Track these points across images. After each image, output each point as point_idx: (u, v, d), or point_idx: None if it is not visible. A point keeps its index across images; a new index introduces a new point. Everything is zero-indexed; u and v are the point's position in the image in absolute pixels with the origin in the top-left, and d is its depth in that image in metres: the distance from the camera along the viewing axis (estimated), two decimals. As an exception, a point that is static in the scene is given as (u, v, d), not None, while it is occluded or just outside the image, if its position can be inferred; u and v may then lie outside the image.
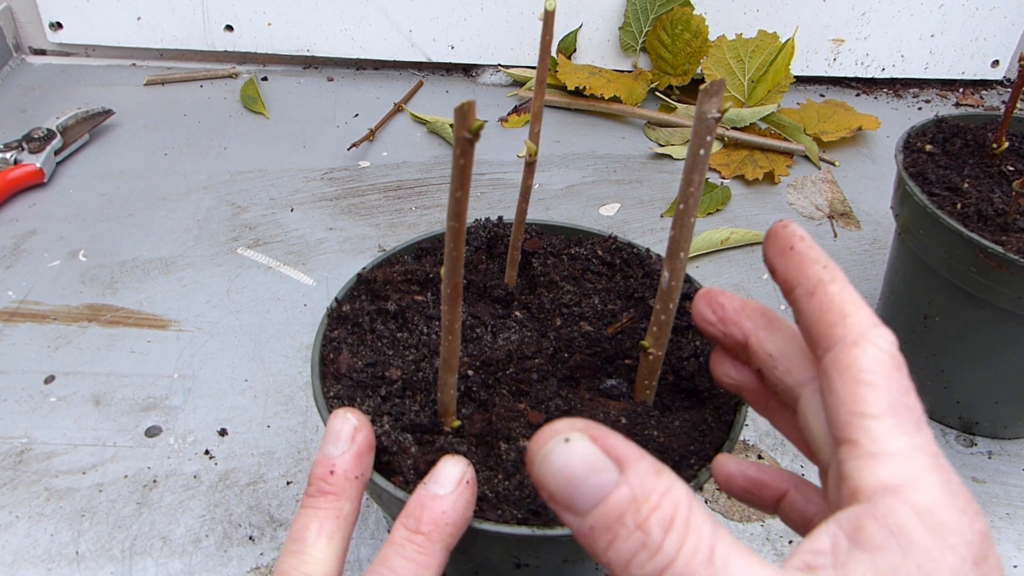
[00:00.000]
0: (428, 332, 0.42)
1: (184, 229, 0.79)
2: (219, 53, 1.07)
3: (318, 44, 1.06)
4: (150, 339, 0.66)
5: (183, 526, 0.52)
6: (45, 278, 0.72)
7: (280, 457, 0.57)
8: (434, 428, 0.37)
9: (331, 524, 0.31)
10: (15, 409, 0.59)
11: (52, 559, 0.50)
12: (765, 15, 1.04)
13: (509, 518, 0.33)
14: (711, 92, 0.28)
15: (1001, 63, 1.10)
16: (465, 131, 0.25)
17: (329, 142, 0.93)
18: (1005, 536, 0.55)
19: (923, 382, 0.62)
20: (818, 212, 0.87)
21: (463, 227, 0.29)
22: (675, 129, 0.98)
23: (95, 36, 1.04)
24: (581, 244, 0.48)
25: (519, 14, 1.03)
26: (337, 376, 0.39)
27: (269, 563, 0.50)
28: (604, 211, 0.85)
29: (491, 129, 0.98)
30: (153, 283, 0.72)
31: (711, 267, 0.77)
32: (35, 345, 0.65)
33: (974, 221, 0.55)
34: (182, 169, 0.87)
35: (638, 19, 1.02)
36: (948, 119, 0.65)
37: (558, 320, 0.44)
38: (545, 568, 0.36)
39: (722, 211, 0.86)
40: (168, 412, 0.60)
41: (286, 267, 0.74)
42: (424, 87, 1.06)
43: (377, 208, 0.83)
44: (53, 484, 0.54)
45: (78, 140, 0.88)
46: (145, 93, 1.01)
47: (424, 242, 0.48)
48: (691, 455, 0.36)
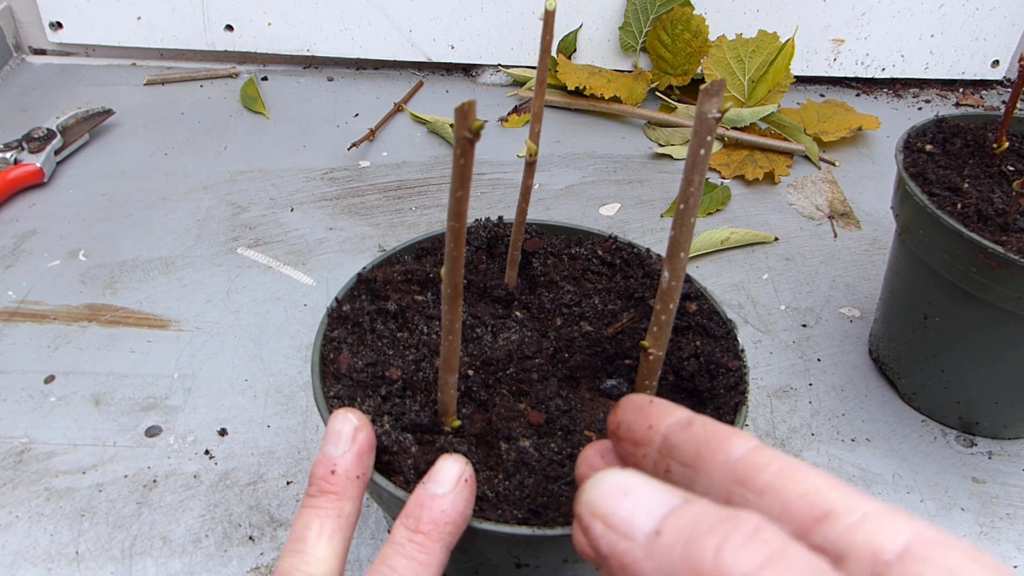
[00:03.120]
0: (428, 332, 0.42)
1: (184, 229, 0.79)
2: (219, 53, 1.07)
3: (318, 44, 1.06)
4: (150, 339, 0.66)
5: (183, 526, 0.52)
6: (45, 278, 0.72)
7: (280, 457, 0.57)
8: (434, 428, 0.37)
9: (332, 524, 0.31)
10: (15, 409, 0.59)
11: (52, 559, 0.50)
12: (765, 15, 1.04)
13: (509, 518, 0.33)
14: (711, 92, 0.28)
15: (1001, 63, 1.10)
16: (465, 131, 0.25)
17: (329, 142, 0.93)
18: (1005, 536, 0.55)
19: (923, 382, 0.62)
20: (818, 212, 0.87)
21: (463, 227, 0.29)
22: (675, 129, 0.97)
23: (95, 36, 1.04)
24: (581, 244, 0.48)
25: (519, 14, 1.03)
26: (337, 376, 0.39)
27: (269, 563, 0.50)
28: (604, 211, 0.85)
29: (491, 129, 0.98)
30: (153, 283, 0.72)
31: (711, 267, 0.77)
32: (35, 345, 0.65)
33: (974, 221, 0.55)
34: (182, 169, 0.87)
35: (638, 19, 1.02)
36: (948, 119, 0.65)
37: (558, 320, 0.44)
38: (545, 568, 0.36)
39: (722, 211, 0.86)
40: (168, 412, 0.60)
41: (286, 267, 0.74)
42: (424, 87, 1.06)
43: (377, 208, 0.83)
44: (53, 484, 0.54)
45: (78, 140, 0.88)
46: (145, 93, 1.01)
47: (424, 242, 0.48)
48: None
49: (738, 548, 0.19)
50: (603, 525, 0.21)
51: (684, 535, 0.20)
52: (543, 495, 0.34)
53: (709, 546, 0.19)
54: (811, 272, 0.77)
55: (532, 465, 0.35)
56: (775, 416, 0.62)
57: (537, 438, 0.37)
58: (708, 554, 0.19)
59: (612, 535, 0.21)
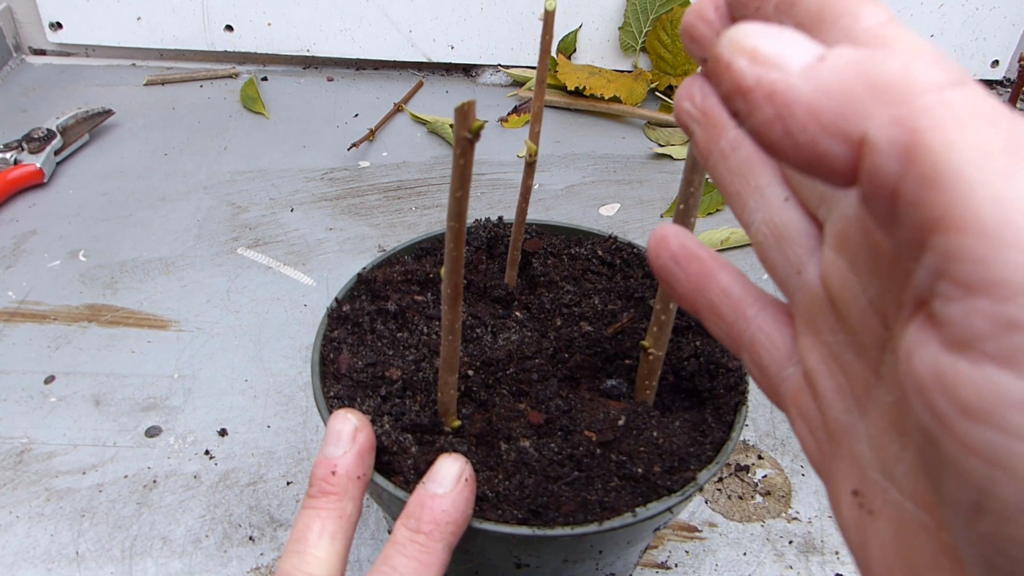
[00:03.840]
0: (428, 332, 0.42)
1: (184, 229, 0.79)
2: (219, 53, 1.07)
3: (318, 44, 1.06)
4: (150, 339, 0.66)
5: (183, 526, 0.52)
6: (45, 278, 0.72)
7: (280, 457, 0.57)
8: (434, 428, 0.37)
9: (333, 524, 0.31)
10: (15, 409, 0.59)
11: (52, 559, 0.50)
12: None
13: (509, 518, 0.33)
14: (711, 92, 0.28)
15: (1001, 63, 1.10)
16: (465, 131, 0.25)
17: (329, 142, 0.93)
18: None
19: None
20: (818, 212, 0.87)
21: (463, 227, 0.29)
22: (675, 129, 0.98)
23: (95, 36, 1.04)
24: (581, 244, 0.48)
25: (519, 14, 1.03)
26: (337, 376, 0.39)
27: (269, 563, 0.50)
28: (604, 211, 0.85)
29: (491, 129, 0.98)
30: (153, 283, 0.72)
31: (711, 267, 0.77)
32: (35, 345, 0.65)
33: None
34: (182, 169, 0.87)
35: (638, 19, 1.02)
36: (948, 119, 0.65)
37: (558, 320, 0.44)
38: (545, 568, 0.36)
39: (722, 211, 0.86)
40: (168, 412, 0.60)
41: (286, 267, 0.74)
42: (424, 87, 1.06)
43: (377, 208, 0.83)
44: (53, 484, 0.54)
45: (78, 140, 0.88)
46: (145, 93, 1.01)
47: (424, 242, 0.48)
48: (691, 456, 0.36)
49: (929, 66, 0.17)
50: (749, 59, 0.19)
51: (857, 58, 0.18)
52: (543, 495, 0.34)
53: (894, 61, 0.17)
54: (811, 272, 0.77)
55: (532, 465, 0.35)
56: (775, 416, 0.62)
57: (537, 438, 0.37)
58: (893, 68, 0.17)
59: (761, 67, 0.19)
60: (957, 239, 0.15)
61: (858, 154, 0.17)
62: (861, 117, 0.17)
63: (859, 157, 0.17)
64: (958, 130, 0.16)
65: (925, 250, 0.16)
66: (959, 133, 0.15)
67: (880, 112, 0.17)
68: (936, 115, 0.16)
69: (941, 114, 0.16)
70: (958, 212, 0.15)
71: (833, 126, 0.17)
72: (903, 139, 0.16)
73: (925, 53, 0.17)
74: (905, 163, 0.16)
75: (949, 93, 0.16)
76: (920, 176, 0.16)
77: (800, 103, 0.18)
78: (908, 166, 0.16)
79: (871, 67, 0.17)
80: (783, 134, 0.18)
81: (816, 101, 0.17)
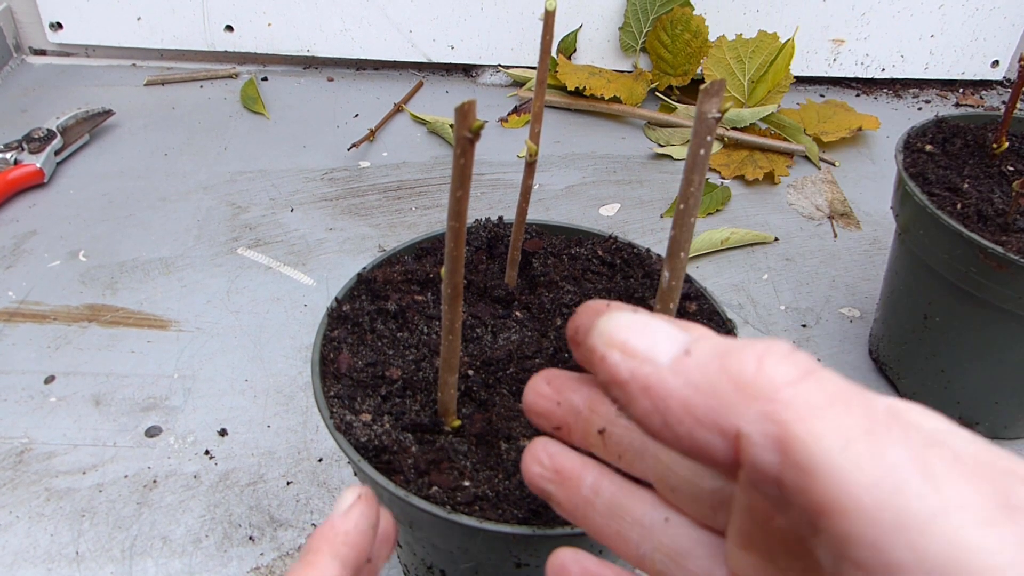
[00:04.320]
0: (428, 332, 0.42)
1: (184, 229, 0.79)
2: (219, 53, 1.07)
3: (318, 44, 1.06)
4: (150, 339, 0.66)
5: (183, 526, 0.52)
6: (45, 278, 0.72)
7: (280, 457, 0.57)
8: (434, 428, 0.37)
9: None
10: (15, 409, 0.59)
11: (52, 559, 0.50)
12: (765, 15, 1.04)
13: (509, 518, 0.33)
14: (711, 92, 0.28)
15: (1001, 63, 1.10)
16: (465, 131, 0.25)
17: (329, 142, 0.93)
18: (1005, 536, 0.55)
19: (923, 382, 0.62)
20: (818, 212, 0.87)
21: (463, 227, 0.29)
22: (675, 129, 0.98)
23: (95, 36, 1.04)
24: (581, 244, 0.48)
25: (519, 14, 1.04)
26: (337, 376, 0.39)
27: (269, 563, 0.50)
28: (604, 211, 0.85)
29: (491, 129, 0.98)
30: (153, 283, 0.72)
31: (711, 267, 0.78)
32: (35, 345, 0.65)
33: (974, 221, 0.55)
34: (182, 169, 0.87)
35: (638, 19, 1.02)
36: (948, 119, 0.65)
37: (558, 320, 0.44)
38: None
39: (722, 211, 0.86)
40: (168, 412, 0.60)
41: (286, 267, 0.74)
42: (424, 87, 1.06)
43: (377, 208, 0.83)
44: (53, 484, 0.54)
45: (78, 140, 0.88)
46: (145, 93, 1.01)
47: (424, 242, 0.48)
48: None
49: (779, 361, 0.18)
50: (622, 353, 0.20)
51: (719, 351, 0.19)
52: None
53: (749, 359, 0.18)
54: (811, 272, 0.77)
55: (532, 465, 0.35)
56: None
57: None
58: (750, 365, 0.18)
59: (633, 360, 0.20)
60: (846, 525, 0.16)
61: (736, 445, 0.18)
62: (733, 414, 0.18)
63: (737, 449, 0.18)
64: (819, 419, 0.17)
65: (819, 532, 0.17)
66: (821, 422, 0.17)
67: (748, 408, 0.18)
68: (797, 408, 0.17)
69: (800, 406, 0.17)
70: (841, 499, 0.16)
71: (708, 420, 0.18)
72: (774, 432, 0.17)
73: (774, 347, 0.19)
74: (782, 454, 0.17)
75: (802, 386, 0.18)
76: (797, 466, 0.17)
77: (674, 398, 0.19)
78: (785, 456, 0.17)
79: (731, 364, 0.18)
80: (663, 425, 0.19)
81: (688, 397, 0.19)
